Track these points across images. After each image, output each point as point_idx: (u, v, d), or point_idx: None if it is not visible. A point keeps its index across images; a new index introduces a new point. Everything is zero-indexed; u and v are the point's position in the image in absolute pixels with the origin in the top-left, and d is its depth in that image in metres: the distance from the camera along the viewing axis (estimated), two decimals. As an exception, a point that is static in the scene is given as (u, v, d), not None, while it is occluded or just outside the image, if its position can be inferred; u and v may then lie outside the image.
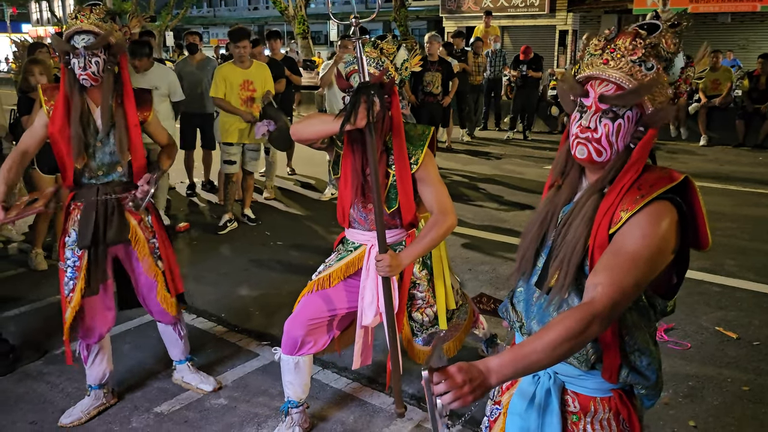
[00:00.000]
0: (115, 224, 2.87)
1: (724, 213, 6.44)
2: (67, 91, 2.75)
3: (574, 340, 1.36)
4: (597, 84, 1.50)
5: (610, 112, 1.49)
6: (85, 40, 2.69)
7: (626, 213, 1.44)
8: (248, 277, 4.88)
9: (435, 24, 25.05)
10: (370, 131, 2.37)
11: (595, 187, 1.53)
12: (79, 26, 2.70)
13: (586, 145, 1.52)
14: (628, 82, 1.46)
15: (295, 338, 2.66)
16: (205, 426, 2.96)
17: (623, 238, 1.43)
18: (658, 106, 1.48)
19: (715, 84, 10.29)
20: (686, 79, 1.50)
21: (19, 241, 5.61)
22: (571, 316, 1.38)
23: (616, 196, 1.47)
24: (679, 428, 2.93)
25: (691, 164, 8.99)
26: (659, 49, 1.47)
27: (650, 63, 1.47)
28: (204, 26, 42.35)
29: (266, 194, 7.30)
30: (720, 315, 4.08)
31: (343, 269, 2.71)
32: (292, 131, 2.60)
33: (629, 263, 1.39)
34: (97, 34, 2.70)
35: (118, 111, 2.82)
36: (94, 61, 2.70)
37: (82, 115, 2.78)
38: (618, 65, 1.47)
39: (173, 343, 3.21)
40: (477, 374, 1.35)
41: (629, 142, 1.51)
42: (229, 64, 5.97)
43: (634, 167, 1.49)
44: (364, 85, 2.34)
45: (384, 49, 2.54)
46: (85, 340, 2.99)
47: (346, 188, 2.60)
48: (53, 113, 2.76)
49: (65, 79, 2.75)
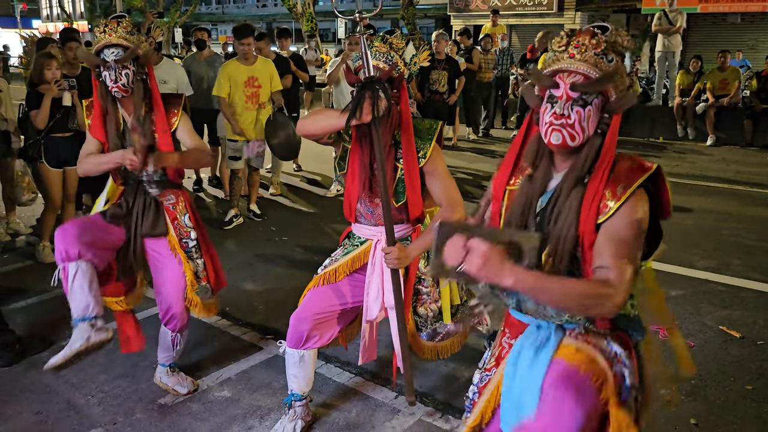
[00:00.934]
0: (150, 217, 2.97)
1: (731, 213, 6.43)
2: (102, 103, 2.91)
3: (588, 301, 1.56)
4: (566, 76, 1.68)
5: (580, 100, 1.66)
6: (114, 53, 2.81)
7: (614, 203, 1.63)
8: (253, 272, 4.91)
9: (443, 22, 25.00)
10: (375, 126, 2.39)
11: (574, 177, 1.70)
12: (108, 40, 2.82)
13: (560, 131, 1.68)
14: (594, 71, 1.65)
15: (301, 332, 2.67)
16: (209, 418, 2.99)
17: (616, 226, 1.63)
18: (620, 94, 1.68)
19: (723, 84, 10.24)
20: (635, 72, 1.70)
21: (27, 234, 5.65)
22: (595, 282, 1.59)
23: (598, 185, 1.66)
24: (680, 426, 2.93)
25: (698, 164, 8.96)
26: (617, 45, 1.69)
27: (611, 56, 1.68)
28: (212, 23, 42.43)
29: (272, 190, 7.32)
30: (724, 314, 4.07)
31: (349, 264, 2.72)
32: (299, 127, 2.63)
33: (628, 248, 1.61)
34: (125, 47, 2.82)
35: (147, 118, 2.92)
36: (124, 73, 2.82)
37: (117, 126, 2.93)
38: (584, 58, 1.67)
39: (165, 348, 3.18)
40: (496, 261, 1.54)
41: (597, 127, 1.69)
42: (233, 61, 5.99)
43: (609, 155, 1.68)
44: (368, 80, 2.36)
45: (393, 43, 2.56)
46: (64, 259, 2.76)
47: (354, 182, 2.62)
48: (92, 124, 2.97)
49: (98, 92, 2.90)
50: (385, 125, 2.49)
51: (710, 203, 6.82)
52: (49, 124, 4.80)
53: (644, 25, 14.05)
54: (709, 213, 6.43)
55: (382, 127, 2.45)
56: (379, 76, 2.43)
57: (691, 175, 8.27)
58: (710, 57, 11.82)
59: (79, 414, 3.02)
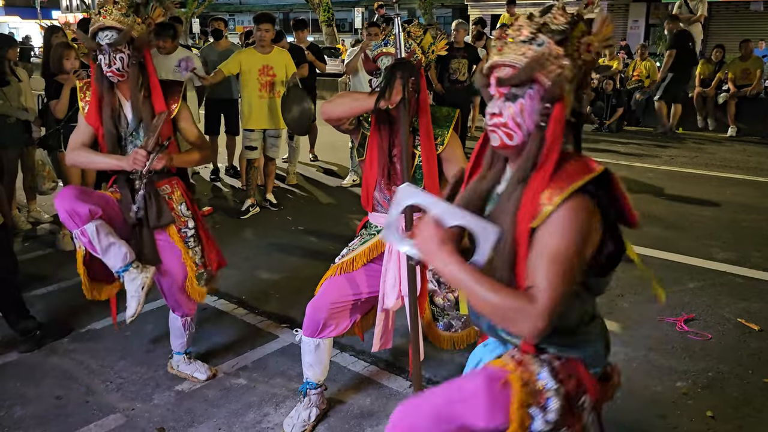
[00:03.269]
0: (154, 208, 2.88)
1: (751, 204, 6.34)
2: (98, 87, 2.82)
3: (505, 313, 1.43)
4: (497, 71, 1.55)
5: (510, 95, 1.52)
6: (108, 36, 2.71)
7: (547, 207, 1.45)
8: (269, 261, 4.94)
9: (460, 12, 24.85)
10: (404, 107, 2.40)
11: (517, 176, 1.54)
12: (102, 23, 2.72)
13: (496, 132, 1.55)
14: (519, 61, 1.49)
15: (318, 321, 2.68)
16: (225, 404, 3.02)
17: (545, 237, 1.45)
18: (555, 79, 1.47)
19: (745, 74, 10.07)
20: (588, 46, 1.51)
21: (48, 222, 5.73)
22: (520, 296, 1.43)
23: (538, 185, 1.48)
24: (696, 418, 2.91)
25: (718, 155, 8.84)
26: (548, 26, 1.49)
27: (540, 39, 1.49)
28: (230, 13, 42.48)
29: (288, 180, 7.35)
30: (743, 306, 4.03)
31: (366, 253, 2.73)
32: (323, 111, 2.61)
33: (561, 266, 1.42)
34: (119, 29, 2.72)
35: (145, 103, 2.85)
36: (118, 57, 2.73)
37: (113, 111, 2.84)
38: (511, 49, 1.52)
39: (177, 335, 3.20)
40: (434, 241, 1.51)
41: (539, 120, 1.51)
42: (250, 49, 6.02)
43: (553, 149, 1.48)
44: (399, 61, 2.37)
45: (411, 32, 2.56)
46: (77, 223, 2.65)
47: (372, 169, 2.62)
48: (88, 109, 2.85)
49: (95, 76, 2.82)
50: (406, 109, 2.50)
51: (730, 194, 6.73)
52: (69, 113, 4.86)
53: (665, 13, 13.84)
54: (728, 204, 6.35)
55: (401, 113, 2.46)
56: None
57: (711, 165, 8.18)
58: (732, 46, 11.63)
59: (97, 399, 3.07)
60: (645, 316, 3.90)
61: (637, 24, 21.29)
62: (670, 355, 3.46)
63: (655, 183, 7.24)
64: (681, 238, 5.37)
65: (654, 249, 5.04)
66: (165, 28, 6.02)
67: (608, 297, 4.19)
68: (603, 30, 1.52)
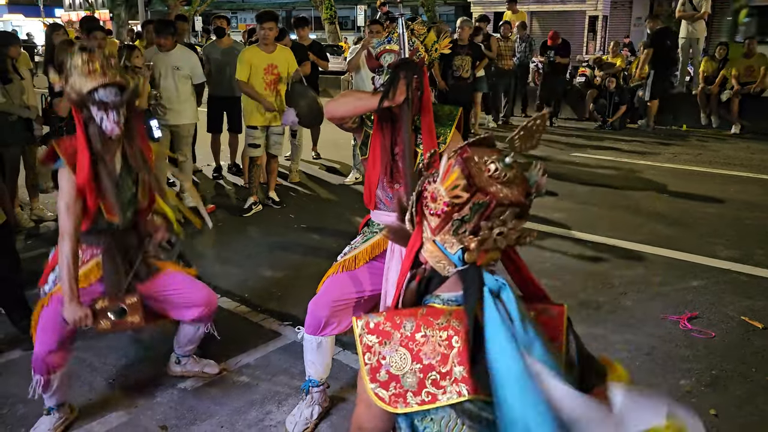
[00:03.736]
0: (142, 268, 2.82)
1: (755, 202, 6.32)
2: (96, 146, 2.62)
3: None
4: None
5: None
6: (113, 93, 2.57)
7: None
8: (272, 259, 4.94)
9: (463, 9, 24.81)
10: (408, 107, 2.40)
11: None
12: (103, 80, 2.54)
13: None
14: None
15: (319, 319, 2.68)
16: (228, 402, 3.02)
17: None
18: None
19: (749, 71, 10.04)
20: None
21: (51, 220, 5.74)
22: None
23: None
24: (700, 417, 2.90)
25: (722, 152, 8.81)
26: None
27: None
28: (232, 11, 42.49)
29: (291, 178, 7.35)
30: (747, 304, 4.02)
31: (368, 250, 2.73)
32: (327, 110, 2.61)
33: None
34: (121, 85, 2.60)
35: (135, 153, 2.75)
36: (120, 111, 2.60)
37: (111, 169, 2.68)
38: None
39: (190, 341, 3.13)
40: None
41: None
42: (254, 47, 6.01)
43: None
44: (404, 61, 2.37)
45: (415, 29, 2.56)
46: (43, 374, 2.70)
47: (375, 167, 2.62)
48: (78, 167, 2.60)
49: (88, 134, 2.60)
50: (410, 108, 2.49)
51: (733, 192, 6.71)
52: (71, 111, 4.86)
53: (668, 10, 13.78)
54: (732, 202, 6.34)
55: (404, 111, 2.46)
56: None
57: (715, 163, 8.15)
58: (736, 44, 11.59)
59: (100, 397, 3.08)
60: (648, 314, 3.89)
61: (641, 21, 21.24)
62: (674, 353, 3.45)
63: (658, 180, 7.22)
64: (684, 235, 5.36)
65: (657, 247, 5.03)
66: (166, 26, 6.04)
67: (611, 295, 4.18)
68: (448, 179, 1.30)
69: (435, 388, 1.26)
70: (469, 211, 1.25)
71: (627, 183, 7.09)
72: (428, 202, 1.30)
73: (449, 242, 1.29)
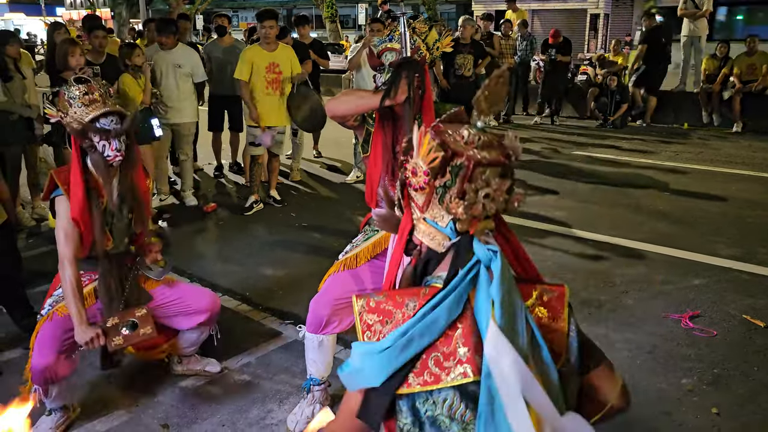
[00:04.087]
0: (134, 291, 2.86)
1: (757, 201, 6.31)
2: (102, 174, 2.69)
3: None
4: None
5: None
6: (113, 121, 2.63)
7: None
8: (273, 258, 4.93)
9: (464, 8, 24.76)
10: (410, 105, 2.40)
11: None
12: (104, 109, 2.61)
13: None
14: None
15: (321, 317, 2.68)
16: (229, 401, 3.02)
17: None
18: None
19: (750, 69, 10.02)
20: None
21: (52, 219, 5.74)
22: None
23: None
24: (701, 415, 2.90)
25: (723, 151, 8.80)
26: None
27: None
28: (233, 9, 42.47)
29: (292, 176, 7.35)
30: (748, 303, 4.01)
31: (369, 249, 2.73)
32: (328, 108, 2.61)
33: None
34: (121, 114, 2.66)
35: (124, 180, 2.78)
36: (122, 139, 2.66)
37: (104, 199, 2.74)
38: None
39: (193, 343, 3.14)
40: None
41: None
42: (255, 46, 6.00)
43: None
44: (405, 60, 2.38)
45: (416, 28, 2.56)
46: (41, 385, 2.72)
47: (376, 165, 2.62)
48: (72, 199, 2.67)
49: (81, 165, 2.67)
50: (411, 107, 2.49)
51: (735, 190, 6.70)
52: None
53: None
54: (734, 200, 6.33)
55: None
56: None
57: (716, 161, 8.14)
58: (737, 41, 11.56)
59: (101, 396, 3.08)
60: (649, 313, 3.89)
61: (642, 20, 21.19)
62: (675, 352, 3.44)
63: (659, 179, 7.21)
64: (686, 234, 5.35)
65: (659, 245, 5.02)
66: (167, 24, 6.04)
67: (612, 294, 4.18)
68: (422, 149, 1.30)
69: (438, 369, 1.23)
70: (450, 176, 1.24)
71: (628, 181, 7.08)
72: (411, 179, 1.29)
73: (438, 216, 1.28)
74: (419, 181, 1.26)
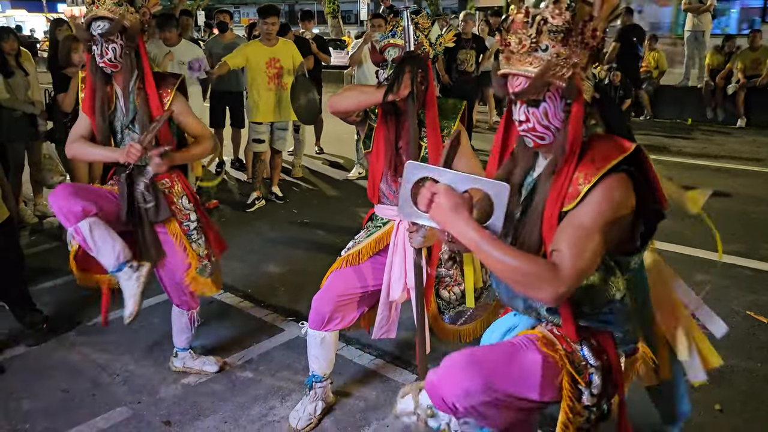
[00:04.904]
0: (153, 203, 2.84)
1: (761, 196, 6.29)
2: (92, 78, 2.79)
3: (524, 279, 1.47)
4: (511, 80, 1.59)
5: (531, 102, 1.57)
6: (100, 27, 2.66)
7: (584, 187, 1.51)
8: (275, 254, 4.93)
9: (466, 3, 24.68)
10: (412, 100, 2.40)
11: (549, 169, 1.62)
12: (94, 13, 2.68)
13: (528, 136, 1.63)
14: (530, 71, 1.53)
15: (323, 313, 2.68)
16: (231, 398, 3.02)
17: (581, 212, 1.51)
18: (568, 81, 1.52)
19: (754, 64, 9.97)
20: (593, 32, 1.52)
21: (54, 216, 5.74)
22: (540, 262, 1.49)
23: (567, 170, 1.55)
24: (704, 412, 2.89)
25: (727, 146, 8.77)
26: (548, 29, 1.50)
27: (543, 45, 1.51)
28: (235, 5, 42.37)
29: (294, 173, 7.34)
30: (752, 299, 4.00)
31: (372, 245, 2.72)
32: (330, 103, 2.60)
33: (581, 231, 1.49)
34: (111, 19, 2.67)
35: (140, 95, 2.81)
36: (110, 47, 2.68)
37: (106, 102, 2.80)
38: (518, 59, 1.55)
39: (183, 330, 3.17)
40: (447, 206, 1.53)
41: (564, 117, 1.57)
42: (256, 42, 6.00)
43: (574, 144, 1.55)
44: (409, 55, 2.37)
45: (419, 23, 2.55)
46: (71, 220, 2.63)
47: (378, 161, 2.61)
48: (84, 100, 2.84)
49: (89, 67, 2.79)
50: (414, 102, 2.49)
51: (739, 186, 6.68)
52: (76, 107, 4.85)
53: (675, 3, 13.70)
54: (738, 195, 6.30)
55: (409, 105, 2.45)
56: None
57: (720, 157, 8.11)
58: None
59: (104, 392, 3.08)
60: (653, 309, 3.87)
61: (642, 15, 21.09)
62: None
63: (663, 174, 7.16)
64: (689, 229, 5.32)
65: (662, 241, 4.99)
66: (169, 20, 6.03)
67: (615, 289, 4.16)
68: (605, 8, 1.49)
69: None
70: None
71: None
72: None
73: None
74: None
